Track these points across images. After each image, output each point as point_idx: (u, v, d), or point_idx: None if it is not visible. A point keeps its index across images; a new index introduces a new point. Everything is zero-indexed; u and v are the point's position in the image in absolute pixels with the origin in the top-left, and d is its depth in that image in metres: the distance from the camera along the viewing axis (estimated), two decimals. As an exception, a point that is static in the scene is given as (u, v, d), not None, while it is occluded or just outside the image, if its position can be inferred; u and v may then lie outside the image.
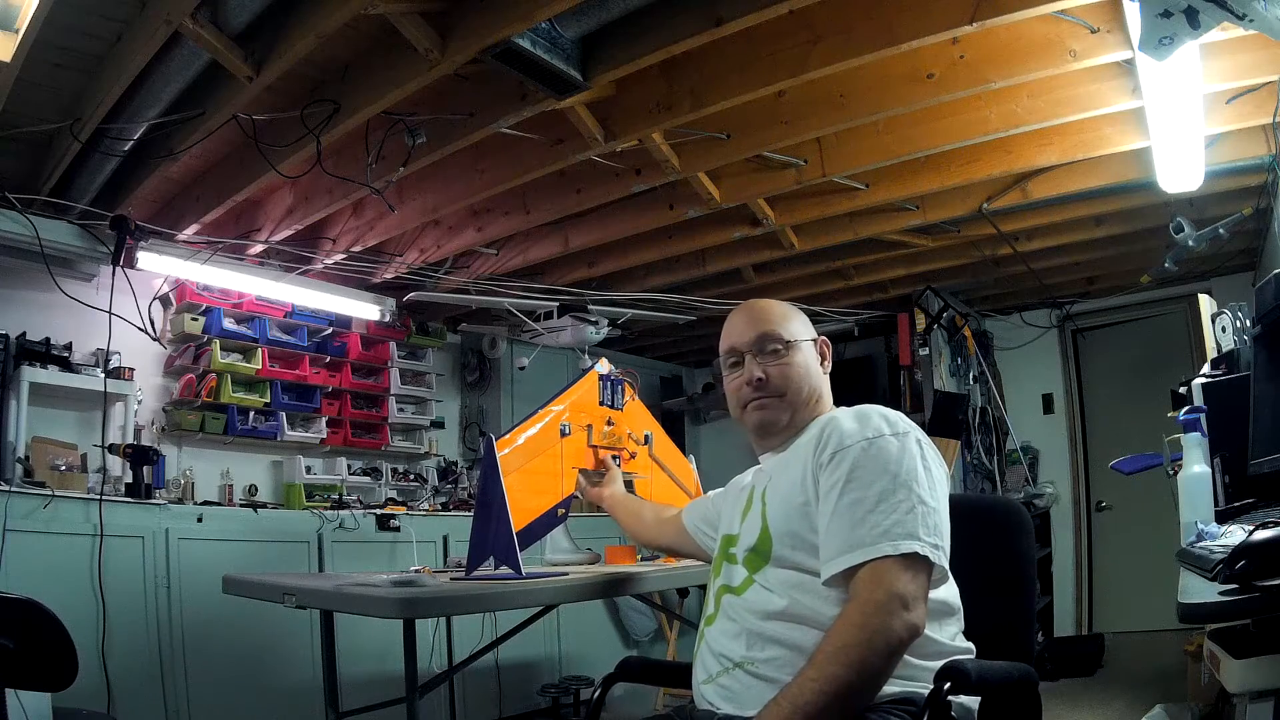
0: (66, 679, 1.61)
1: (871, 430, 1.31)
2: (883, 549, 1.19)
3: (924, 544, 1.20)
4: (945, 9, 2.44)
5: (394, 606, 1.76)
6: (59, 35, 2.49)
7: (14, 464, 3.32)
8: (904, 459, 1.27)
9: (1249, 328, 2.36)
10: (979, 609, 1.41)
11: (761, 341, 1.50)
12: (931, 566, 1.21)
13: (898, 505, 1.22)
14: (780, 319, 1.53)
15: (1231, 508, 1.99)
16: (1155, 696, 3.36)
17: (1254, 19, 1.82)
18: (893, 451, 1.28)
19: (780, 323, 1.52)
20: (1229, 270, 4.73)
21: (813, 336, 1.55)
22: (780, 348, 1.49)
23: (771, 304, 1.58)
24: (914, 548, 1.19)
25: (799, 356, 1.50)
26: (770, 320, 1.52)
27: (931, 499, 1.25)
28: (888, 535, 1.20)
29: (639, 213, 3.96)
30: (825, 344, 1.58)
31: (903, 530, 1.21)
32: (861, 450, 1.28)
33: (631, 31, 2.57)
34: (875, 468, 1.26)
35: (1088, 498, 5.54)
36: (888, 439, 1.29)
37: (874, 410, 1.37)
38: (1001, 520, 1.61)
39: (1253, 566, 1.12)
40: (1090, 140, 3.29)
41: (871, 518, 1.22)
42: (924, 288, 5.16)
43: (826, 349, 1.57)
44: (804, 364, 1.50)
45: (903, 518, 1.21)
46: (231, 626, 3.28)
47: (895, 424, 1.32)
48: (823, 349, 1.57)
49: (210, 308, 4.21)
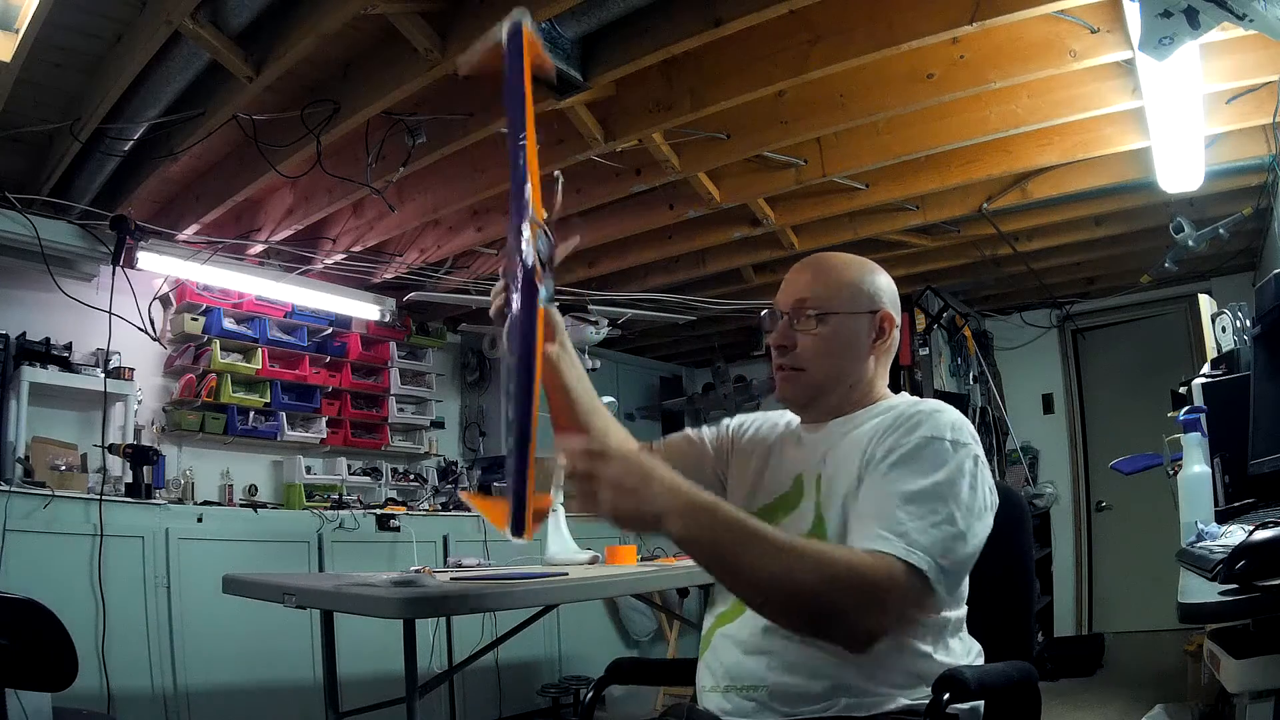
0: (66, 679, 1.61)
1: (934, 430, 1.18)
2: (892, 545, 1.08)
3: (931, 563, 1.08)
4: (945, 9, 2.44)
5: (394, 606, 1.76)
6: (59, 35, 2.49)
7: (14, 464, 3.32)
8: (951, 471, 1.15)
9: (1249, 328, 2.36)
10: (974, 603, 1.35)
11: (798, 306, 1.32)
12: (927, 587, 1.09)
13: (925, 514, 1.11)
14: (834, 284, 1.32)
15: (1231, 508, 1.99)
16: (1155, 696, 3.35)
17: (1254, 19, 1.82)
18: (945, 459, 1.16)
19: (830, 288, 1.32)
20: (1229, 270, 4.73)
21: (871, 309, 1.32)
22: (814, 316, 1.30)
23: (836, 265, 1.36)
24: (922, 563, 1.08)
25: (834, 330, 1.30)
26: (819, 282, 1.33)
27: (962, 522, 1.13)
28: (903, 538, 1.09)
29: (639, 213, 3.96)
30: (887, 319, 1.32)
31: (917, 540, 1.09)
32: (920, 444, 1.17)
33: (631, 31, 2.57)
34: (924, 466, 1.15)
35: (1088, 498, 5.54)
36: (947, 445, 1.17)
37: (946, 413, 1.23)
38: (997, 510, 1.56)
39: (1253, 566, 1.12)
40: (1090, 140, 3.29)
41: (900, 512, 1.11)
42: (924, 288, 5.16)
43: (888, 325, 1.33)
44: (838, 339, 1.30)
45: (926, 529, 1.10)
46: (231, 626, 3.28)
47: (959, 432, 1.20)
48: (881, 324, 1.32)
49: (210, 308, 4.21)
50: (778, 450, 1.38)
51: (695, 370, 7.22)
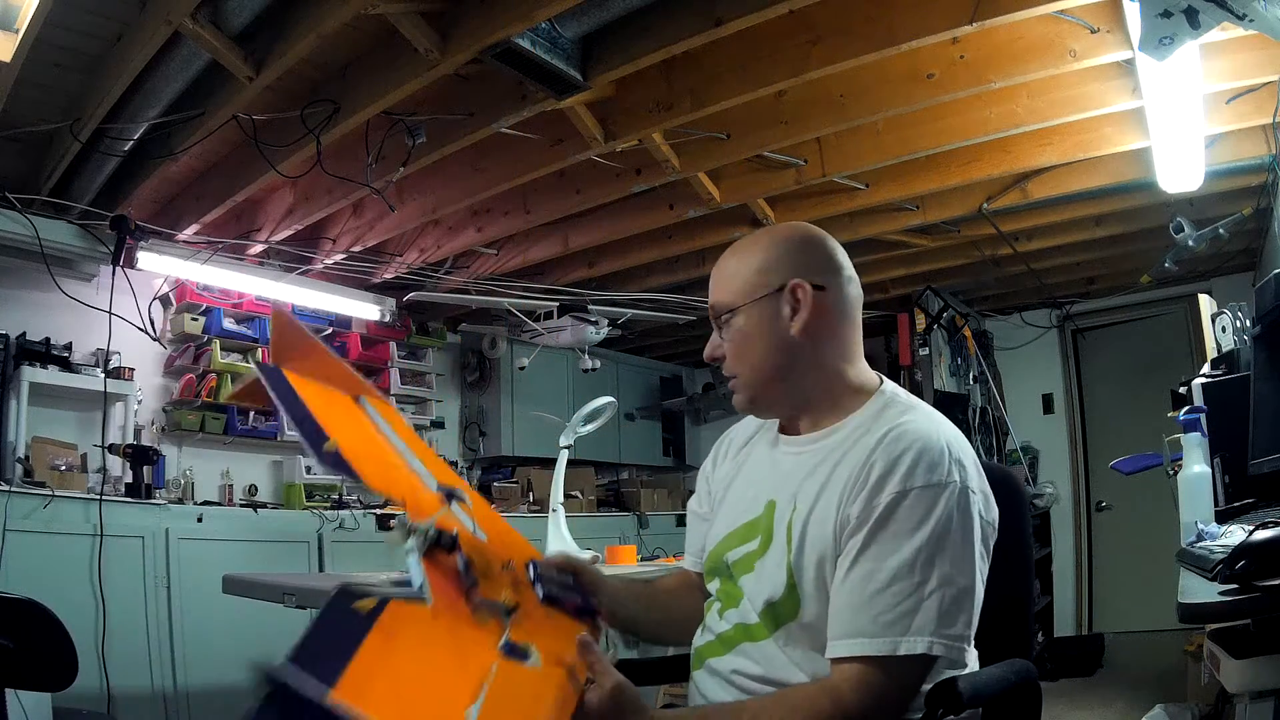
0: (66, 679, 1.61)
1: (905, 478, 1.03)
2: (881, 645, 0.99)
3: (936, 641, 0.99)
4: (945, 9, 2.44)
5: (394, 606, 1.76)
6: (59, 35, 2.49)
7: (14, 464, 3.32)
8: (932, 524, 1.01)
9: (1249, 328, 2.35)
10: None
11: (714, 315, 1.21)
12: (936, 660, 1.01)
13: (916, 587, 1.00)
14: (730, 278, 1.19)
15: (1231, 508, 1.99)
16: (1155, 696, 3.35)
17: (1254, 19, 1.82)
18: (921, 513, 1.02)
19: (729, 283, 1.19)
20: (1229, 270, 4.73)
21: (775, 286, 1.15)
22: (726, 320, 1.19)
23: (733, 257, 1.21)
24: (920, 647, 0.98)
25: (743, 326, 1.17)
26: (719, 282, 1.21)
27: (960, 576, 1.01)
28: (891, 628, 0.99)
29: (639, 213, 3.96)
30: (798, 288, 1.14)
31: (911, 623, 0.99)
32: (893, 500, 1.03)
33: (631, 31, 2.57)
34: (901, 530, 1.02)
35: (1088, 498, 5.53)
36: (920, 494, 1.02)
37: (919, 438, 1.06)
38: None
39: (1253, 566, 1.12)
40: (1090, 140, 3.29)
41: (879, 600, 1.00)
42: (924, 288, 5.16)
43: (802, 293, 1.14)
44: (747, 335, 1.17)
45: (917, 605, 0.99)
46: (231, 626, 3.27)
47: (939, 467, 1.04)
48: (793, 296, 1.14)
49: (210, 308, 4.22)
50: (750, 460, 1.28)
51: (695, 370, 7.22)
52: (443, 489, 1.16)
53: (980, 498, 1.07)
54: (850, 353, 1.19)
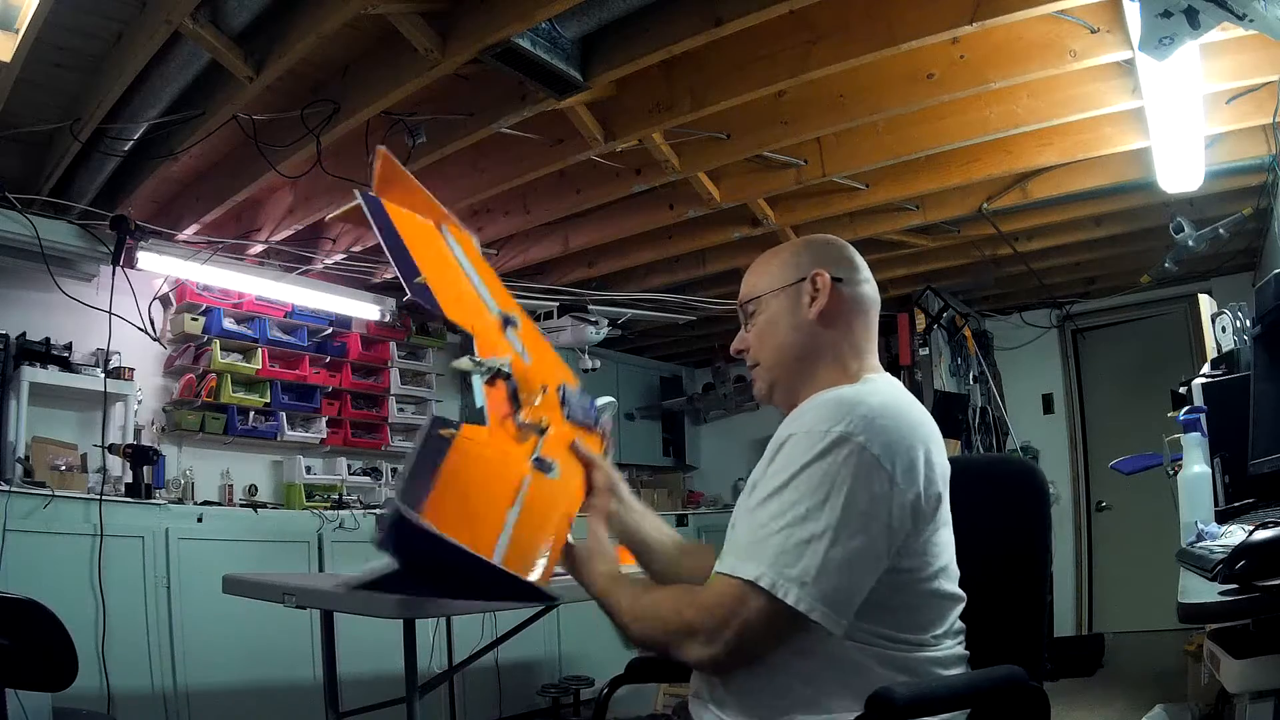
0: (66, 679, 1.61)
1: (807, 422, 1.09)
2: (724, 565, 1.06)
3: (767, 573, 1.01)
4: (945, 9, 2.44)
5: (394, 606, 1.76)
6: (59, 35, 2.49)
7: (14, 464, 3.32)
8: (803, 460, 1.05)
9: (1249, 328, 2.35)
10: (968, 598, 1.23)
11: (743, 309, 1.32)
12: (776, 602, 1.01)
13: (769, 519, 1.04)
14: (761, 273, 1.31)
15: (1231, 508, 1.99)
16: (1155, 696, 3.35)
17: (1254, 19, 1.82)
18: (801, 451, 1.06)
19: (759, 277, 1.30)
20: (1229, 270, 4.73)
21: (798, 277, 1.25)
22: (752, 311, 1.30)
23: (765, 257, 1.33)
24: (748, 573, 1.02)
25: (769, 313, 1.27)
26: (751, 278, 1.32)
27: (818, 522, 1.01)
28: (738, 552, 1.06)
29: (639, 213, 3.96)
30: (818, 277, 1.24)
31: (756, 552, 1.03)
32: (782, 443, 1.10)
33: (631, 31, 2.57)
34: (778, 468, 1.07)
35: (1088, 498, 5.54)
36: (805, 436, 1.07)
37: (837, 397, 1.11)
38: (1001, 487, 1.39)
39: (1253, 566, 1.12)
40: (1090, 140, 3.29)
41: (742, 526, 1.09)
42: (924, 288, 5.16)
43: (821, 280, 1.23)
44: (772, 320, 1.26)
45: (765, 537, 1.03)
46: (231, 626, 3.28)
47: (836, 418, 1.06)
48: (813, 285, 1.24)
49: (210, 308, 4.21)
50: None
51: (695, 370, 7.22)
52: (502, 315, 1.37)
53: (878, 456, 1.04)
54: (860, 347, 1.28)
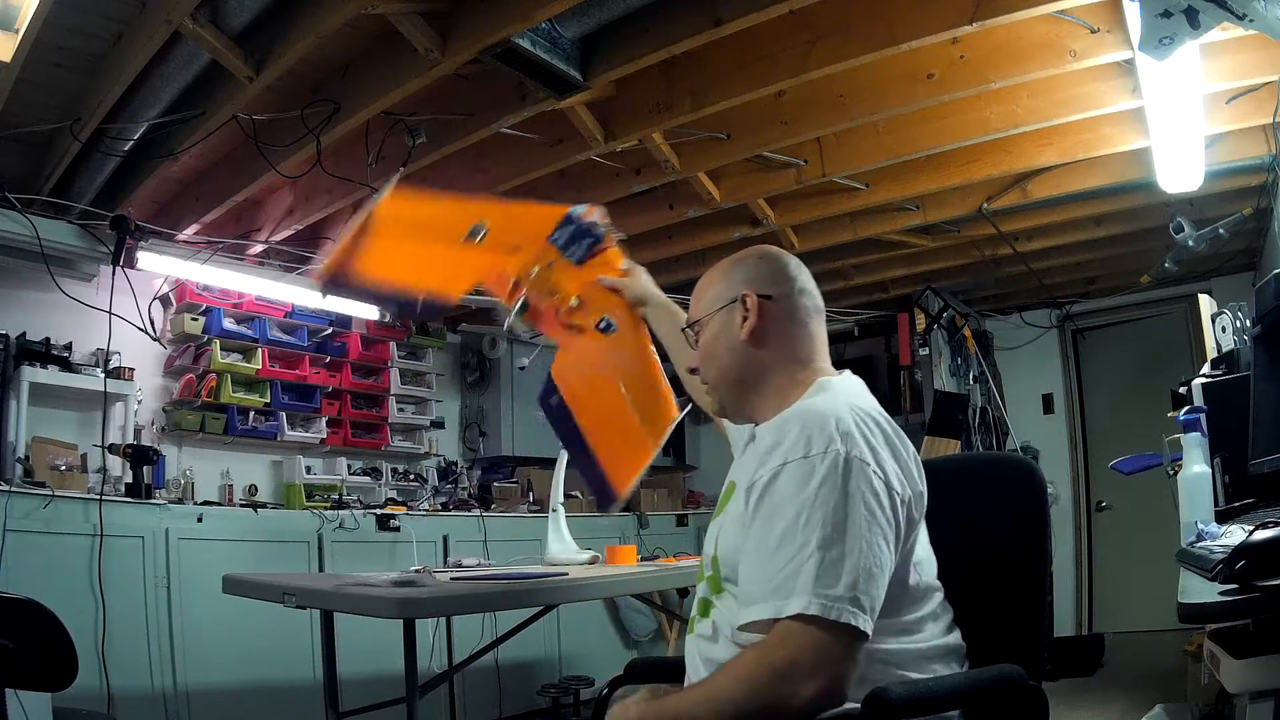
0: (66, 679, 1.61)
1: (787, 452, 1.10)
2: (767, 610, 1.05)
3: (814, 600, 1.02)
4: (945, 9, 2.44)
5: (394, 606, 1.76)
6: (59, 35, 2.49)
7: (14, 464, 3.32)
8: (810, 490, 1.06)
9: (1249, 328, 2.35)
10: (967, 598, 1.25)
11: (690, 329, 1.37)
12: (828, 625, 1.02)
13: (798, 550, 1.05)
14: (699, 296, 1.34)
15: (1231, 508, 1.99)
16: (1155, 696, 3.35)
17: (1254, 19, 1.82)
18: (800, 481, 1.07)
19: (698, 300, 1.34)
20: (1229, 270, 4.73)
21: (725, 301, 1.29)
22: (696, 330, 1.34)
23: (705, 277, 1.36)
24: (796, 607, 1.02)
25: (708, 334, 1.31)
26: (693, 302, 1.36)
27: (840, 539, 1.04)
28: (777, 593, 1.04)
29: (639, 213, 3.96)
30: (747, 298, 1.26)
31: (794, 586, 1.03)
32: (770, 479, 1.10)
33: (631, 31, 2.57)
34: (781, 500, 1.08)
35: (1088, 498, 5.54)
36: (799, 464, 1.08)
37: (810, 416, 1.13)
38: (999, 485, 1.39)
39: (1253, 566, 1.12)
40: (1090, 140, 3.29)
41: (768, 566, 1.07)
42: (924, 288, 5.16)
43: (750, 303, 1.26)
44: (710, 342, 1.31)
45: (798, 568, 1.04)
46: (231, 626, 3.28)
47: (820, 439, 1.09)
48: (744, 306, 1.26)
49: (210, 308, 4.21)
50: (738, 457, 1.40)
51: (695, 370, 7.21)
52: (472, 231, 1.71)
53: (873, 467, 1.09)
54: (802, 354, 1.29)
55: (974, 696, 1.13)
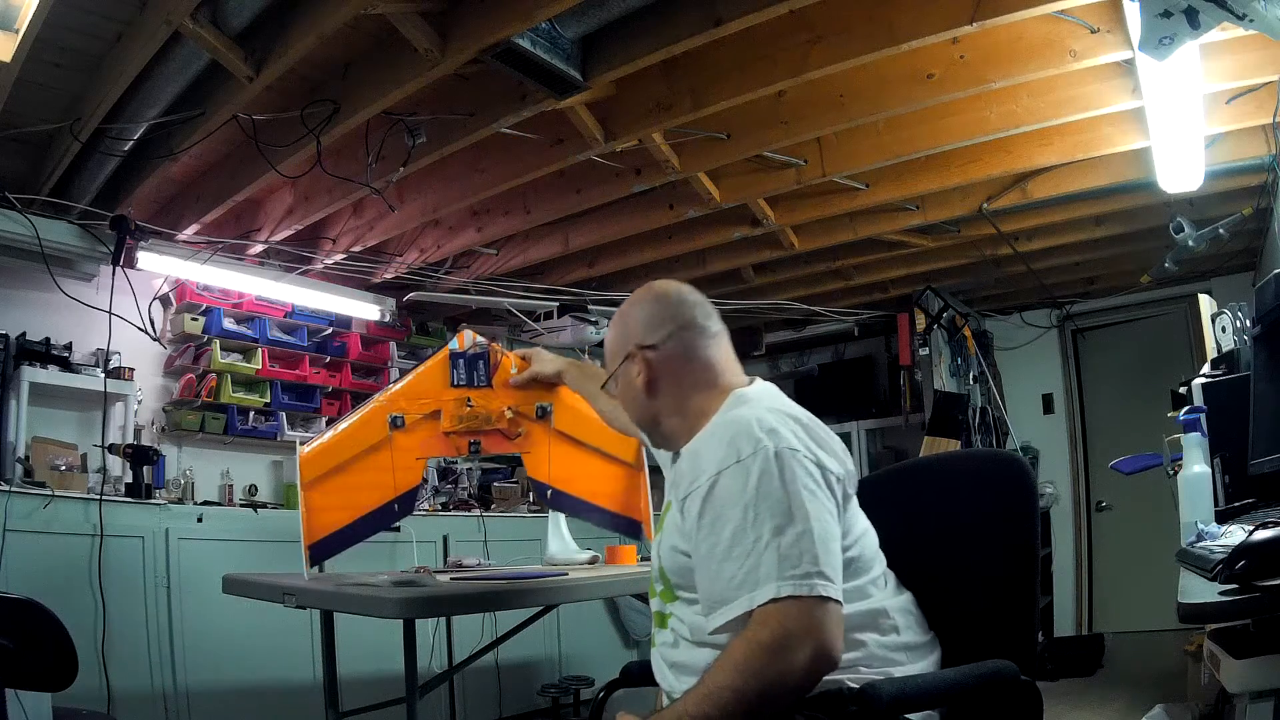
0: (66, 679, 1.61)
1: (719, 461, 1.16)
2: (736, 607, 1.09)
3: (783, 584, 1.06)
4: (945, 9, 2.44)
5: (394, 606, 1.76)
6: (59, 35, 2.49)
7: (14, 464, 3.32)
8: (750, 489, 1.11)
9: (1249, 328, 2.35)
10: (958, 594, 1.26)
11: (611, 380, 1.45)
12: (805, 603, 1.06)
13: (752, 546, 1.09)
14: (607, 345, 1.43)
15: (1231, 508, 1.99)
16: (1155, 696, 3.35)
17: (1254, 19, 1.82)
18: (739, 483, 1.13)
19: (607, 350, 1.43)
20: (1229, 270, 4.73)
21: (620, 358, 1.37)
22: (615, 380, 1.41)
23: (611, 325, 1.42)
24: (767, 595, 1.07)
25: (619, 385, 1.40)
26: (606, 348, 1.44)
27: (791, 521, 1.09)
28: (741, 588, 1.09)
29: (639, 213, 3.96)
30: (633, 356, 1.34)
31: (757, 577, 1.08)
32: (708, 488, 1.15)
33: (631, 31, 2.57)
34: (724, 505, 1.13)
35: (1088, 498, 5.53)
36: (734, 469, 1.14)
37: (733, 426, 1.19)
38: (986, 480, 1.40)
39: (1253, 566, 1.12)
40: (1090, 140, 3.29)
41: (726, 568, 1.11)
42: (924, 288, 5.16)
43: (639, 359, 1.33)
44: (621, 391, 1.40)
45: (757, 561, 1.08)
46: (231, 626, 3.28)
47: (748, 442, 1.14)
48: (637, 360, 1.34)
49: (210, 308, 4.21)
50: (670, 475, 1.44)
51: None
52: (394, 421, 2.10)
53: (802, 453, 1.15)
54: (704, 381, 1.33)
55: (967, 692, 1.14)
